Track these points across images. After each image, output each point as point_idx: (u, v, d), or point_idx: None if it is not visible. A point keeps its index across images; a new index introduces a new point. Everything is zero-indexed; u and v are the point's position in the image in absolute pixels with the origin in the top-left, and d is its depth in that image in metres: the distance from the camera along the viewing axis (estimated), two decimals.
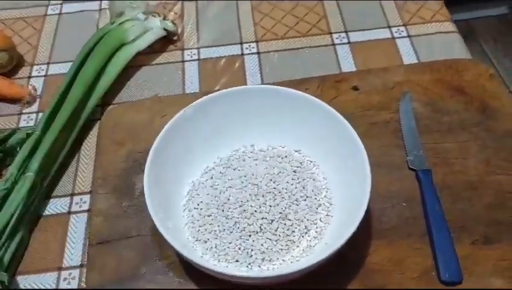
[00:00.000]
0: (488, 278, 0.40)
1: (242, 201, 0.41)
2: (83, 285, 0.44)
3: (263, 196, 0.41)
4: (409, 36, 0.61)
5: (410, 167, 0.47)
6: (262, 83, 0.57)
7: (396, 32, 0.61)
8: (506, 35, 1.47)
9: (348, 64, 0.58)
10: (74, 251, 0.46)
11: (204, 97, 0.44)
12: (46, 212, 0.49)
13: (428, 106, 0.51)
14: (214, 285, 0.40)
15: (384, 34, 0.61)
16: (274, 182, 0.42)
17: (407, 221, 0.44)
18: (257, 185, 0.42)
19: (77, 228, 0.47)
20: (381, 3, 0.65)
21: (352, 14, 0.64)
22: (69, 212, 0.49)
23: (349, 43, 0.61)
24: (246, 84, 0.58)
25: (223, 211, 0.41)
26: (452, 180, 0.46)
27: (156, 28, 0.60)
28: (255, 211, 0.40)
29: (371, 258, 0.42)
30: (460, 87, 0.52)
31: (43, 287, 0.44)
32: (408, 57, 0.58)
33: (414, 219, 0.44)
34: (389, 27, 0.62)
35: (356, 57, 0.59)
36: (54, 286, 0.44)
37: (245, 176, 0.43)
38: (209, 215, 0.41)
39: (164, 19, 0.61)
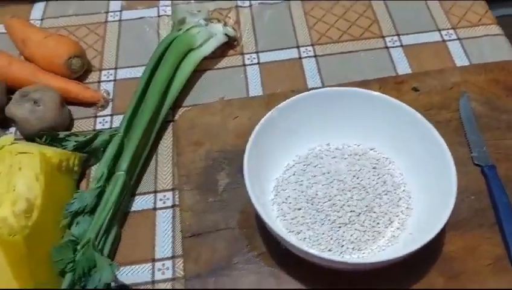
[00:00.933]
0: None
1: (330, 196, 0.45)
2: (177, 275, 0.47)
3: (349, 191, 0.45)
4: (458, 39, 0.64)
5: (475, 162, 0.50)
6: (323, 85, 0.61)
7: (446, 35, 0.65)
8: None
9: (403, 67, 0.62)
10: (164, 243, 0.49)
11: (288, 100, 0.47)
12: (133, 209, 0.52)
13: (485, 105, 0.55)
14: (304, 272, 0.44)
15: (435, 37, 0.65)
16: (357, 178, 0.46)
17: (477, 213, 0.47)
18: (342, 181, 0.46)
19: (164, 223, 0.51)
20: (429, 7, 0.68)
21: (402, 18, 0.67)
22: (154, 208, 0.52)
23: (402, 46, 0.64)
24: (306, 86, 0.61)
25: (312, 204, 0.45)
26: None
27: (218, 33, 0.63)
28: (344, 205, 0.44)
29: (446, 247, 0.45)
30: None
31: (140, 278, 0.47)
32: (460, 59, 0.62)
33: (483, 210, 0.47)
34: (439, 30, 0.65)
35: (410, 59, 0.62)
36: (150, 276, 0.47)
37: (328, 173, 0.46)
38: (299, 209, 0.45)
39: (225, 24, 0.65)
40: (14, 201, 0.45)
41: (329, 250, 0.42)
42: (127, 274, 0.47)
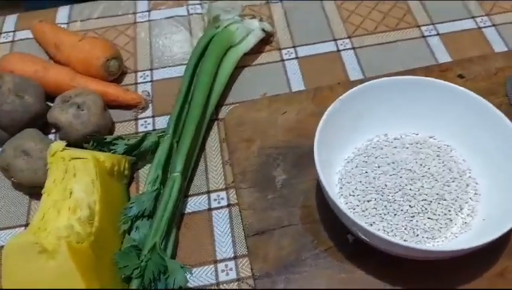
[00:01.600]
0: None
1: (401, 185, 0.44)
2: (242, 275, 0.46)
3: (419, 180, 0.44)
4: (493, 25, 0.64)
5: None
6: (364, 77, 0.60)
7: (480, 22, 0.65)
8: None
9: (442, 55, 0.62)
10: (224, 244, 0.48)
11: (350, 91, 0.47)
12: (188, 210, 0.51)
13: None
14: (374, 265, 0.43)
15: (470, 24, 0.65)
16: (424, 166, 0.45)
17: None
18: (410, 170, 0.45)
19: (221, 223, 0.50)
20: None
21: (435, 7, 0.67)
22: (210, 209, 0.51)
23: (438, 34, 0.64)
24: (348, 78, 0.61)
25: (382, 195, 0.44)
26: None
27: (256, 29, 0.62)
28: (415, 194, 0.44)
29: None
30: None
31: (204, 280, 0.46)
32: (497, 45, 0.62)
33: None
34: (473, 17, 0.66)
35: (448, 47, 0.62)
36: (214, 278, 0.46)
37: (393, 163, 0.46)
38: (369, 201, 0.44)
39: (261, 20, 0.64)
40: (73, 208, 0.44)
41: (405, 240, 0.42)
42: (190, 277, 0.46)
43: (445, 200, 0.44)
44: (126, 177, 0.52)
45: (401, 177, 0.45)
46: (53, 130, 0.57)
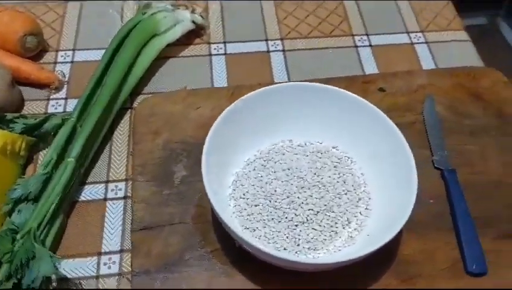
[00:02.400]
0: (510, 269, 0.44)
1: (289, 193, 0.43)
2: (124, 269, 0.45)
3: (309, 189, 0.43)
4: (426, 42, 0.64)
5: (436, 166, 0.50)
6: (289, 80, 0.59)
7: (414, 38, 0.65)
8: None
9: (370, 66, 0.61)
10: (113, 236, 0.47)
11: (254, 92, 0.46)
12: (82, 198, 0.49)
13: (449, 109, 0.55)
14: (257, 271, 0.42)
15: (404, 39, 0.64)
16: (318, 176, 0.45)
17: (435, 216, 0.47)
18: (302, 178, 0.44)
19: (114, 214, 0.48)
20: (400, 9, 0.68)
21: (373, 18, 0.67)
22: (105, 199, 0.49)
23: (370, 46, 0.63)
24: (272, 80, 0.59)
25: (270, 201, 0.43)
26: (475, 179, 0.49)
27: (185, 20, 0.61)
28: (302, 203, 0.43)
29: (402, 249, 0.45)
30: (478, 94, 0.56)
31: (84, 272, 0.44)
32: (426, 62, 0.62)
33: (441, 214, 0.47)
34: (408, 32, 0.65)
35: (378, 59, 0.62)
36: (94, 270, 0.45)
37: (289, 169, 0.45)
38: (256, 205, 0.43)
39: (193, 11, 0.62)
40: None
41: (285, 249, 0.41)
42: (70, 268, 0.44)
43: (333, 212, 0.43)
44: (22, 157, 0.50)
45: (292, 184, 0.44)
46: None
